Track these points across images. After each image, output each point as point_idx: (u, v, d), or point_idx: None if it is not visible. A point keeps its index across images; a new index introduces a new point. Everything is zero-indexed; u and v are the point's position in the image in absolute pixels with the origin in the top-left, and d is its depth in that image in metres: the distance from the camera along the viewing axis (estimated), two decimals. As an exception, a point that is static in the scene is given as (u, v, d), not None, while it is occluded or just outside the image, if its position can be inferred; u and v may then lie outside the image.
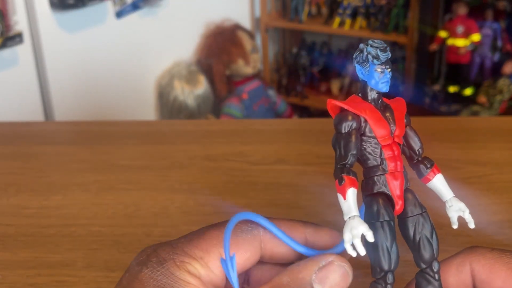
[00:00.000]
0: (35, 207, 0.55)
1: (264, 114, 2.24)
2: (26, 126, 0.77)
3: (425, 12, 2.23)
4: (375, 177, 0.28)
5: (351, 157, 0.28)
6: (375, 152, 0.28)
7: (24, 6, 1.47)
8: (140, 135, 0.70)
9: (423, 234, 0.28)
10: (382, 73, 0.28)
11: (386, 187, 0.28)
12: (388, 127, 0.28)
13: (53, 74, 1.59)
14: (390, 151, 0.28)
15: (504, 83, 2.14)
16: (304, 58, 2.59)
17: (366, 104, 0.29)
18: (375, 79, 0.28)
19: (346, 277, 0.29)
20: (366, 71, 0.28)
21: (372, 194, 0.28)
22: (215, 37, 2.17)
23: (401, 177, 0.28)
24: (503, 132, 0.68)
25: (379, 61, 0.28)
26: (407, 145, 0.30)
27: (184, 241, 0.31)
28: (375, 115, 0.28)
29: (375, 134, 0.28)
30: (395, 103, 0.30)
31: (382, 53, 0.28)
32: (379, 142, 0.28)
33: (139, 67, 1.96)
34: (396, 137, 0.29)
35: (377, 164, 0.28)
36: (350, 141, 0.28)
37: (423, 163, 0.29)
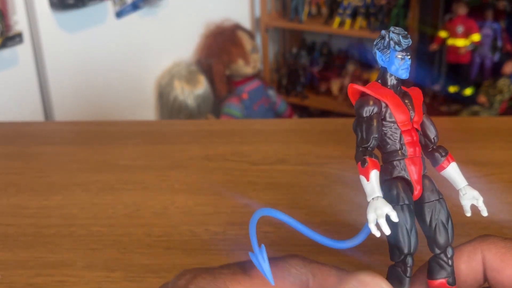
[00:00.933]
0: (35, 207, 0.55)
1: (264, 114, 2.24)
2: (26, 126, 0.77)
3: (425, 12, 2.23)
4: (394, 161, 0.29)
5: (373, 140, 0.28)
6: (395, 137, 0.29)
7: (24, 6, 1.47)
8: (140, 135, 0.70)
9: (439, 219, 0.29)
10: (402, 59, 0.28)
11: (405, 172, 0.29)
12: (408, 113, 0.29)
13: (53, 74, 1.59)
14: (409, 136, 0.29)
15: (504, 83, 2.14)
16: (304, 58, 2.59)
17: (386, 90, 0.29)
18: (396, 65, 0.29)
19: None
20: (387, 57, 0.29)
21: (392, 178, 0.29)
22: (215, 37, 2.17)
23: (419, 163, 0.29)
24: (503, 132, 0.68)
25: (401, 47, 0.28)
26: (423, 133, 0.30)
27: (228, 273, 0.29)
28: (396, 101, 0.29)
29: (395, 119, 0.29)
30: (413, 92, 0.30)
31: (404, 40, 0.28)
32: (399, 128, 0.29)
33: (139, 67, 1.96)
34: (415, 123, 0.29)
35: (396, 148, 0.29)
36: (372, 125, 0.28)
37: (438, 151, 0.30)
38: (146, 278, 0.45)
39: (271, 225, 0.51)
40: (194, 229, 0.51)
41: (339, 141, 0.66)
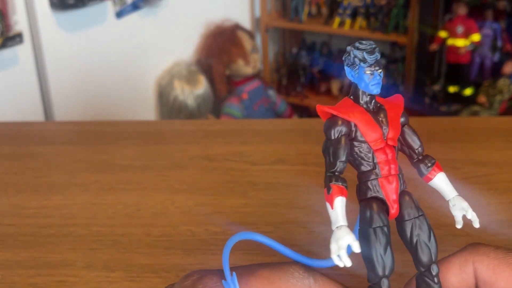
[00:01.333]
0: (35, 207, 0.55)
1: (264, 114, 2.25)
2: (26, 126, 0.77)
3: (425, 12, 2.23)
4: (368, 182, 0.28)
5: (340, 164, 0.28)
6: (368, 157, 0.28)
7: (24, 6, 1.47)
8: (140, 135, 0.70)
9: (420, 237, 0.28)
10: (371, 75, 0.27)
11: (379, 192, 0.28)
12: (380, 130, 0.28)
13: (53, 74, 1.59)
14: (383, 155, 0.28)
15: (504, 83, 2.14)
16: (304, 58, 2.59)
17: (356, 107, 0.28)
18: (365, 81, 0.28)
19: None
20: (356, 73, 0.28)
21: (366, 199, 0.28)
22: (215, 37, 2.17)
23: (395, 180, 0.28)
24: (503, 132, 0.68)
25: (367, 64, 0.27)
26: (406, 144, 0.29)
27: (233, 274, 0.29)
28: (366, 119, 0.28)
29: (366, 139, 0.28)
30: (390, 103, 0.29)
31: (369, 56, 0.27)
32: (370, 147, 0.28)
33: (139, 67, 1.96)
34: (390, 140, 0.28)
35: (370, 168, 0.28)
36: (339, 148, 0.28)
37: (424, 161, 0.29)
38: (146, 278, 0.45)
39: (271, 225, 0.51)
40: (194, 229, 0.51)
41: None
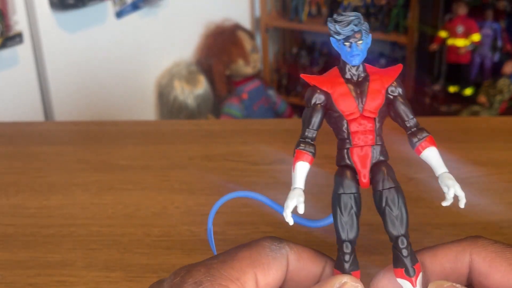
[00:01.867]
0: (35, 207, 0.55)
1: (264, 114, 2.24)
2: (26, 126, 0.77)
3: (425, 12, 2.23)
4: (342, 150, 0.29)
5: (309, 131, 0.29)
6: (342, 126, 0.29)
7: (24, 6, 1.47)
8: (140, 135, 0.70)
9: (390, 208, 0.28)
10: (349, 47, 0.28)
11: (350, 160, 0.29)
12: (354, 102, 0.28)
13: (53, 74, 1.59)
14: (357, 125, 0.29)
15: (504, 83, 2.14)
16: (304, 58, 2.59)
17: (337, 78, 0.29)
18: (344, 52, 0.28)
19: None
20: (338, 44, 0.29)
21: (340, 165, 0.30)
22: (215, 37, 2.17)
23: (368, 151, 0.29)
24: (503, 132, 0.68)
25: (341, 36, 0.28)
26: (396, 116, 0.29)
27: (217, 262, 0.30)
28: (342, 90, 0.29)
29: (339, 109, 0.29)
30: (380, 74, 0.29)
31: (342, 29, 0.28)
32: (344, 117, 0.29)
33: (139, 67, 1.96)
34: (367, 111, 0.29)
35: (344, 137, 0.29)
36: (312, 116, 0.29)
37: (415, 135, 0.29)
38: (146, 278, 0.45)
39: (271, 225, 0.51)
40: (194, 229, 0.51)
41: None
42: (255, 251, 0.30)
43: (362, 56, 0.28)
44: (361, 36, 0.28)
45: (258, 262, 0.30)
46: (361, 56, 0.28)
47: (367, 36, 0.28)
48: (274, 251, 0.31)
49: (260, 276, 0.30)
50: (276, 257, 0.31)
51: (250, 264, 0.30)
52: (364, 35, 0.28)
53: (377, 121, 0.29)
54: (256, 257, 0.30)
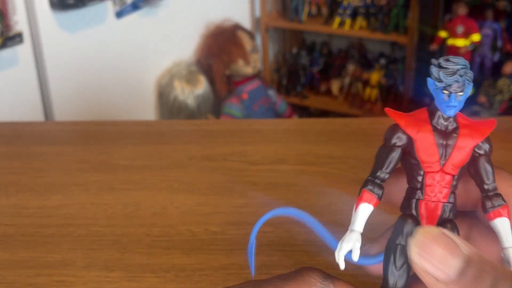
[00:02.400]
0: (35, 207, 0.55)
1: (264, 114, 2.25)
2: (26, 126, 0.77)
3: (425, 12, 2.23)
4: (411, 199, 0.27)
5: (381, 172, 0.27)
6: (418, 176, 0.27)
7: (24, 6, 1.47)
8: (140, 135, 0.70)
9: None
10: (448, 96, 0.26)
11: (416, 212, 0.27)
12: (437, 155, 0.26)
13: (53, 74, 1.59)
14: (434, 179, 0.27)
15: (504, 83, 2.14)
16: (304, 58, 2.59)
17: (425, 123, 0.27)
18: (440, 100, 0.26)
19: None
20: (435, 88, 0.26)
21: (404, 214, 0.27)
22: (215, 37, 2.17)
23: (438, 207, 0.27)
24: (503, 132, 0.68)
25: (443, 84, 0.26)
26: (476, 175, 0.28)
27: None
28: (428, 138, 0.26)
29: (419, 159, 0.27)
30: (472, 128, 0.27)
31: (447, 77, 0.26)
32: (422, 168, 0.27)
33: (139, 67, 1.96)
34: (448, 167, 0.27)
35: (416, 187, 0.27)
36: (388, 157, 0.27)
37: (491, 199, 0.27)
38: (146, 278, 0.45)
39: (271, 225, 0.51)
40: (194, 229, 0.51)
41: (339, 141, 0.65)
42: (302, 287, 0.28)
43: (459, 107, 0.26)
44: (463, 88, 0.26)
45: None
46: (458, 108, 0.26)
47: (468, 87, 0.26)
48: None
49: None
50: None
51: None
52: (466, 86, 0.26)
53: (456, 178, 0.27)
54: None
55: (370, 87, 2.46)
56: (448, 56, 0.26)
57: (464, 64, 0.26)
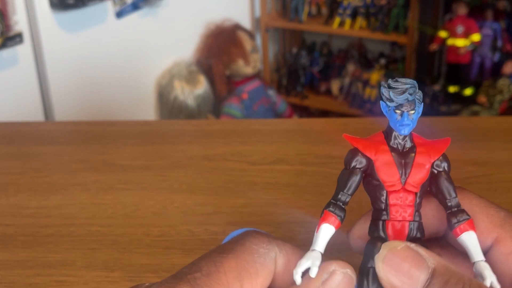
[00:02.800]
0: (35, 207, 0.55)
1: (264, 114, 2.24)
2: (26, 126, 0.77)
3: (425, 12, 2.23)
4: (377, 221, 0.28)
5: (343, 195, 0.27)
6: (381, 196, 0.27)
7: (24, 6, 1.47)
8: (140, 135, 0.70)
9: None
10: (400, 115, 0.27)
11: (384, 234, 0.27)
12: (397, 173, 0.27)
13: (53, 74, 1.59)
14: (397, 198, 0.27)
15: (504, 83, 2.14)
16: (304, 58, 2.59)
17: (382, 145, 0.27)
18: (394, 120, 0.27)
19: (350, 281, 0.27)
20: (388, 109, 0.27)
21: (373, 237, 0.28)
22: (215, 37, 2.17)
23: (405, 226, 0.27)
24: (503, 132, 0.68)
25: (394, 103, 0.27)
26: (437, 192, 0.28)
27: (201, 276, 0.27)
28: (386, 159, 0.27)
29: (381, 179, 0.27)
30: (427, 146, 0.28)
31: (397, 96, 0.26)
32: (384, 188, 0.27)
33: (139, 67, 1.96)
34: (409, 185, 0.27)
35: (381, 208, 0.27)
36: (349, 180, 0.27)
37: (456, 215, 0.27)
38: (145, 278, 0.45)
39: (271, 224, 0.51)
40: (193, 229, 0.51)
41: (339, 141, 0.65)
42: (242, 260, 0.28)
43: (412, 126, 0.27)
44: (414, 106, 0.27)
45: (245, 273, 0.27)
46: (411, 126, 0.27)
47: (420, 106, 0.27)
48: (262, 256, 0.28)
49: (246, 286, 0.27)
50: (265, 263, 0.28)
51: (237, 276, 0.27)
52: (417, 105, 0.27)
53: (418, 196, 0.27)
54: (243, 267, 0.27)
55: (370, 87, 2.45)
56: (396, 78, 0.27)
57: (412, 83, 0.27)
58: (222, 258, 0.27)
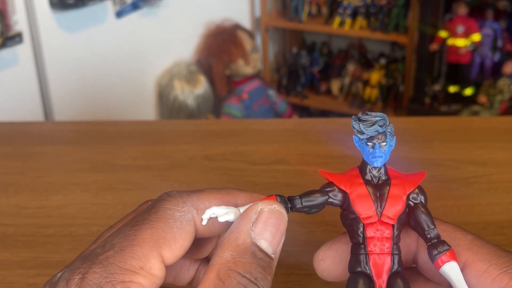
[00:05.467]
0: (35, 207, 0.55)
1: (264, 114, 2.24)
2: (26, 126, 0.77)
3: (425, 12, 2.23)
4: (358, 255, 0.27)
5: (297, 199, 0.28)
6: (358, 230, 0.27)
7: (24, 6, 1.47)
8: (140, 135, 0.70)
9: None
10: (372, 148, 0.27)
11: (367, 268, 0.27)
12: (373, 206, 0.27)
13: (53, 74, 1.59)
14: (374, 231, 0.27)
15: (504, 83, 2.14)
16: (304, 58, 2.59)
17: (357, 178, 0.28)
18: (366, 153, 0.27)
19: (281, 216, 0.27)
20: (360, 143, 0.27)
21: (354, 272, 0.27)
22: (215, 37, 2.17)
23: (387, 260, 0.27)
24: (503, 132, 0.68)
25: (365, 136, 0.27)
26: (416, 224, 0.28)
27: (114, 253, 0.25)
28: (361, 192, 0.27)
29: (356, 212, 0.27)
30: (402, 179, 0.28)
31: (367, 128, 0.27)
32: (361, 220, 0.27)
33: (139, 67, 1.96)
34: (385, 217, 0.27)
35: (359, 242, 0.27)
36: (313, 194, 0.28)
37: (436, 247, 0.27)
38: (146, 278, 0.45)
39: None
40: (194, 229, 0.51)
41: (339, 141, 0.65)
42: (158, 228, 0.27)
43: (385, 158, 0.27)
44: (385, 138, 0.27)
45: (162, 240, 0.26)
46: (384, 158, 0.27)
47: (392, 139, 0.27)
48: (178, 220, 0.27)
49: (166, 253, 0.26)
50: (182, 226, 0.27)
51: (154, 245, 0.26)
52: (388, 137, 0.27)
53: (396, 228, 0.27)
54: (159, 235, 0.26)
55: (370, 87, 2.46)
56: (366, 111, 0.28)
57: (382, 116, 0.27)
58: (136, 230, 0.26)
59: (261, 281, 0.25)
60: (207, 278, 0.25)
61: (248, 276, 0.25)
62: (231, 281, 0.25)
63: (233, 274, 0.25)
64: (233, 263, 0.25)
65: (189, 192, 0.29)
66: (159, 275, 0.26)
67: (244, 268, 0.25)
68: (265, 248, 0.26)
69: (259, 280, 0.25)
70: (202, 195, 0.29)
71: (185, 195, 0.29)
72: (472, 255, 0.27)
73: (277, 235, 0.27)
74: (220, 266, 0.25)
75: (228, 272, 0.25)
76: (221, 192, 0.30)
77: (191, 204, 0.28)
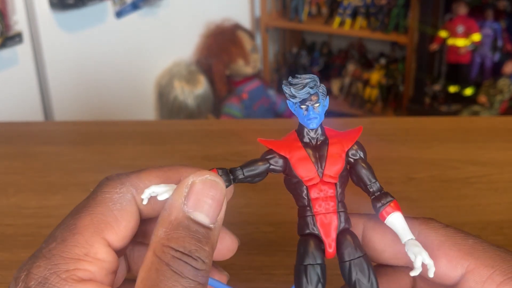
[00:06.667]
0: (35, 207, 0.55)
1: (264, 114, 2.24)
2: (26, 126, 0.77)
3: (425, 12, 2.23)
4: (305, 217, 0.28)
5: (239, 170, 0.29)
6: (302, 192, 0.28)
7: (24, 6, 1.47)
8: (140, 135, 0.70)
9: (359, 279, 0.27)
10: (306, 110, 0.27)
11: (315, 229, 0.27)
12: (313, 167, 0.27)
13: (53, 74, 1.59)
14: (318, 192, 0.27)
15: (504, 83, 2.14)
16: (304, 58, 2.59)
17: (295, 142, 0.28)
18: (301, 116, 0.28)
19: (215, 185, 0.27)
20: (295, 107, 0.28)
21: (303, 235, 0.28)
22: (215, 37, 2.17)
23: (333, 219, 0.27)
24: (503, 132, 0.68)
25: (297, 99, 0.27)
26: (358, 180, 0.28)
27: (56, 244, 0.26)
28: (301, 155, 0.28)
29: (298, 175, 0.28)
30: (340, 137, 0.28)
31: (298, 91, 0.27)
32: (303, 183, 0.28)
33: (139, 67, 1.96)
34: (327, 176, 0.27)
35: (304, 204, 0.28)
36: (254, 164, 0.29)
37: (379, 199, 0.27)
38: (146, 278, 0.45)
39: (271, 225, 0.51)
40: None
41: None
42: (97, 213, 0.27)
43: (320, 119, 0.28)
44: (318, 99, 0.27)
45: (103, 225, 0.27)
46: (319, 119, 0.28)
47: (324, 99, 0.28)
48: (118, 202, 0.27)
49: (111, 236, 0.27)
50: (122, 207, 0.27)
51: (95, 231, 0.26)
52: (321, 98, 0.28)
53: (338, 186, 0.28)
54: (99, 220, 0.26)
55: (370, 87, 2.46)
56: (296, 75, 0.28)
57: (312, 77, 0.27)
58: (75, 219, 0.27)
59: (195, 252, 0.25)
60: (145, 258, 0.25)
61: (181, 249, 0.25)
62: (166, 256, 0.25)
63: (167, 249, 0.25)
64: (167, 239, 0.25)
65: (129, 172, 0.29)
66: (107, 259, 0.26)
67: (177, 243, 0.25)
68: (201, 219, 0.26)
69: (193, 252, 0.25)
70: (141, 174, 0.29)
71: (124, 176, 0.29)
72: (474, 261, 0.27)
73: (214, 204, 0.27)
74: (155, 244, 0.25)
75: (162, 248, 0.25)
76: (163, 169, 0.30)
77: (130, 184, 0.28)
